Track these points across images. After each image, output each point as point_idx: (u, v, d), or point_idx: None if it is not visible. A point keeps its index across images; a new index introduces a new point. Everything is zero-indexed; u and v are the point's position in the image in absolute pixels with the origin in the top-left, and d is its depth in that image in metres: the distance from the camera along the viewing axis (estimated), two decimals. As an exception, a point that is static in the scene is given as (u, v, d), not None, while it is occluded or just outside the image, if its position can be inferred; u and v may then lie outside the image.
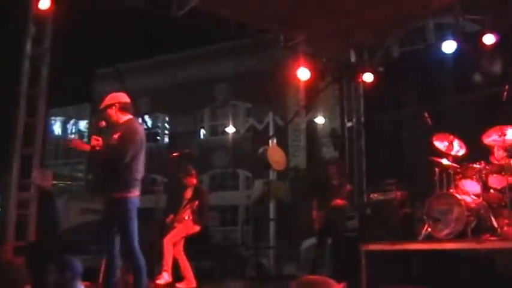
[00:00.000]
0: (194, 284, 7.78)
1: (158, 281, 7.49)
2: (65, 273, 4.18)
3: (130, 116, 5.20)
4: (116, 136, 5.01)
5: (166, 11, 8.82)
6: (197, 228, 8.02)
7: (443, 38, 9.56)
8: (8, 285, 6.07)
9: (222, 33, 10.03)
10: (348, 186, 8.29)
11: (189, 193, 8.14)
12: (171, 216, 8.01)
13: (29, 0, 7.48)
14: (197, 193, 8.07)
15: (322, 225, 8.06)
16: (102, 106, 5.18)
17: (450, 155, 7.14)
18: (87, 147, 5.03)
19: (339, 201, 7.97)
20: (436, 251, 6.85)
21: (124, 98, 5.25)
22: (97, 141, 5.03)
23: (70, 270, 4.21)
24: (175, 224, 7.96)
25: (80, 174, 27.83)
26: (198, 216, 8.00)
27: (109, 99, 5.21)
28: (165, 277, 7.50)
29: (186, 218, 7.96)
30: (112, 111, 5.12)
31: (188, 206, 7.95)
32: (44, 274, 6.39)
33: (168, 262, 7.59)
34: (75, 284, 4.24)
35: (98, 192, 5.39)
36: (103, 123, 5.14)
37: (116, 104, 5.14)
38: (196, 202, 7.92)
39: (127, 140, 4.95)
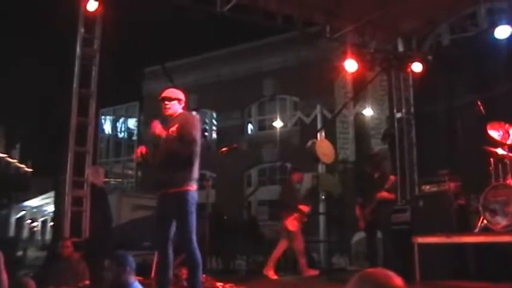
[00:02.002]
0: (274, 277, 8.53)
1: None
2: (124, 268, 4.22)
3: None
4: (174, 129, 5.04)
5: (211, 7, 8.86)
6: None
7: (496, 24, 9.23)
8: (69, 279, 6.27)
9: (268, 27, 10.00)
10: (392, 177, 8.06)
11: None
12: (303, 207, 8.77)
13: (77, 3, 7.65)
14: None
15: (370, 220, 7.92)
16: (172, 96, 5.22)
17: (506, 144, 6.88)
18: (164, 133, 5.07)
19: (383, 195, 7.79)
20: (493, 244, 6.64)
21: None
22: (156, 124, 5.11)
23: (128, 265, 4.26)
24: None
25: (130, 172, 28.42)
26: None
27: (177, 93, 5.29)
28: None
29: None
30: (178, 105, 5.21)
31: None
32: (101, 269, 6.57)
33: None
34: (130, 278, 4.28)
35: (154, 187, 5.40)
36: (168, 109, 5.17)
37: (183, 101, 5.26)
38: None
39: (190, 126, 5.00)
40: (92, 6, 7.56)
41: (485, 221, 6.65)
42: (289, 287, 8.43)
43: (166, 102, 5.16)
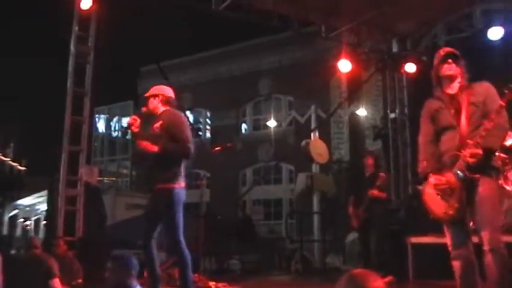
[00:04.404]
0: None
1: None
2: (129, 272, 4.11)
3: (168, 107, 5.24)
4: (157, 125, 5.03)
5: (207, 5, 8.84)
6: None
7: (492, 24, 9.26)
8: (63, 277, 6.25)
9: (263, 26, 9.99)
10: (382, 175, 8.04)
11: None
12: None
13: (72, 1, 7.62)
14: None
15: (362, 219, 7.91)
16: (147, 94, 5.29)
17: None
18: (153, 149, 5.03)
19: (374, 193, 7.77)
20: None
21: (169, 92, 5.32)
22: (135, 120, 5.14)
23: (133, 268, 4.16)
24: None
25: (125, 171, 28.38)
26: None
27: (155, 89, 5.32)
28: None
29: None
30: (155, 101, 5.21)
31: None
32: (94, 268, 6.54)
33: None
34: (133, 282, 4.16)
35: (144, 185, 5.41)
36: (144, 109, 5.28)
37: (160, 96, 5.22)
38: None
39: (179, 124, 5.00)
40: (86, 4, 7.52)
41: (478, 222, 6.65)
42: (282, 287, 8.42)
43: (145, 103, 5.29)
